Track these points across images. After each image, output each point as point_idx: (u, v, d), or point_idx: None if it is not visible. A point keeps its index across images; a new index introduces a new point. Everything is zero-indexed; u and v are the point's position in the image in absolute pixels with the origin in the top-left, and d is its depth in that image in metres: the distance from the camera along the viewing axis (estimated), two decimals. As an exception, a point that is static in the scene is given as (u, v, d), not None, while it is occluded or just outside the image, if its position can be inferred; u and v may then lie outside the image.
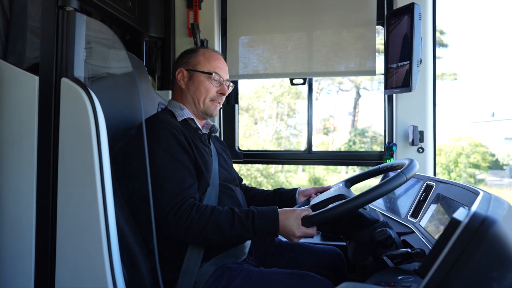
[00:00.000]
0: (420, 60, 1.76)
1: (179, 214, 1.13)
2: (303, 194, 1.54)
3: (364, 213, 1.15)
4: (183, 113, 1.39)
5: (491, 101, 9.21)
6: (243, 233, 1.15)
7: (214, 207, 1.18)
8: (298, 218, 1.15)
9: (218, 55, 1.47)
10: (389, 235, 1.06)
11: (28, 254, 1.07)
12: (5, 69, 1.10)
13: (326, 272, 1.37)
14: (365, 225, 1.14)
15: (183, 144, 1.24)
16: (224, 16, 2.23)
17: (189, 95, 1.41)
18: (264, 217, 1.16)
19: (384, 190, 1.06)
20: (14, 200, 1.08)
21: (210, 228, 1.14)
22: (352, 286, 0.69)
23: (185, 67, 1.43)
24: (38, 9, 1.13)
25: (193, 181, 1.23)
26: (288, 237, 1.17)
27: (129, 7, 1.89)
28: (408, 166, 1.12)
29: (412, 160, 1.16)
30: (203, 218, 1.14)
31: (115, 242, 1.06)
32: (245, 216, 1.16)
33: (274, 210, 1.18)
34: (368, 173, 1.44)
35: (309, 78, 2.19)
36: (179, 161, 1.21)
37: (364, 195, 1.06)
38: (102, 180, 1.02)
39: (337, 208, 1.08)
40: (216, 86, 1.42)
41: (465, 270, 0.58)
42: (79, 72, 1.09)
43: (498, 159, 8.98)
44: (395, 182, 1.07)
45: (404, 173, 1.09)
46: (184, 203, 1.15)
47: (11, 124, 1.10)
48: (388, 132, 2.06)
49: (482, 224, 0.59)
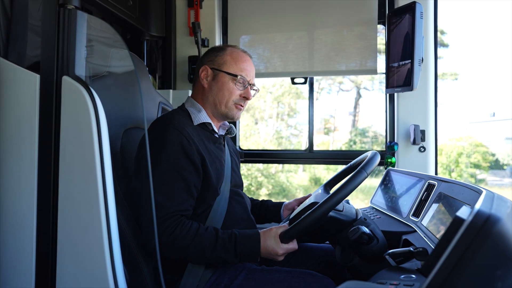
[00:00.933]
0: (422, 59, 1.75)
1: (161, 230, 1.11)
2: (287, 208, 1.53)
3: (337, 215, 1.15)
4: (200, 116, 1.32)
5: (492, 101, 9.20)
6: (224, 256, 1.14)
7: (199, 227, 1.16)
8: (276, 237, 1.15)
9: (247, 56, 1.40)
10: (362, 232, 1.06)
11: (28, 254, 1.06)
12: (6, 67, 1.10)
13: (326, 271, 1.37)
14: (343, 227, 1.15)
15: (190, 155, 1.19)
16: (225, 15, 2.23)
17: (211, 96, 1.34)
18: (246, 240, 1.16)
19: (348, 189, 1.08)
20: (15, 199, 1.08)
21: (191, 248, 1.13)
22: (355, 284, 0.69)
23: (210, 65, 1.36)
24: (39, 7, 1.13)
25: (187, 197, 1.19)
26: (272, 257, 1.17)
27: (130, 6, 1.89)
28: (368, 161, 1.14)
29: (374, 153, 1.18)
30: (186, 237, 1.13)
31: (116, 241, 1.05)
32: (228, 239, 1.15)
33: (255, 233, 1.18)
34: (341, 173, 1.45)
35: (310, 77, 2.18)
36: (179, 173, 1.17)
37: (329, 199, 1.08)
38: (103, 179, 1.02)
39: (308, 217, 1.09)
40: (240, 90, 1.34)
41: (468, 268, 0.57)
42: (80, 70, 1.08)
43: (498, 159, 8.97)
44: (357, 179, 1.09)
45: (364, 169, 1.11)
46: (168, 219, 1.13)
47: (12, 123, 1.09)
48: (390, 131, 2.06)
49: (486, 222, 0.59)
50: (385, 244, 1.12)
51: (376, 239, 1.09)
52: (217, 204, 1.26)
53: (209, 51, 1.42)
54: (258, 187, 8.49)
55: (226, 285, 1.16)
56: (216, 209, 1.26)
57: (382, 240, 1.12)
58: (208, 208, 1.26)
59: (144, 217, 1.15)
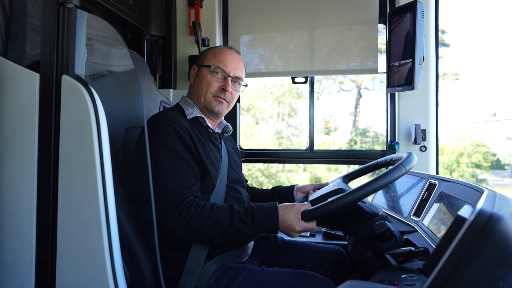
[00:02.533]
0: (423, 58, 1.75)
1: (177, 212, 1.12)
2: (301, 190, 1.54)
3: (363, 206, 1.14)
4: (193, 111, 1.36)
5: (493, 101, 9.18)
6: (242, 229, 1.13)
7: (213, 204, 1.17)
8: (297, 213, 1.15)
9: (228, 50, 1.42)
10: (388, 227, 1.06)
11: (28, 252, 1.06)
12: (6, 66, 1.10)
13: (329, 272, 1.36)
14: (364, 218, 1.14)
15: (186, 142, 1.22)
16: (226, 15, 2.23)
17: (194, 90, 1.40)
18: (263, 212, 1.15)
19: (383, 182, 1.06)
20: (14, 198, 1.08)
21: (209, 225, 1.13)
22: (356, 284, 0.69)
23: (197, 64, 1.43)
24: (38, 6, 1.13)
25: (195, 180, 1.21)
26: (288, 232, 1.16)
27: (130, 6, 1.89)
28: (406, 159, 1.12)
29: (411, 153, 1.17)
30: (202, 215, 1.13)
31: (116, 240, 1.05)
32: (244, 212, 1.15)
33: (273, 206, 1.18)
34: (365, 168, 1.44)
35: (310, 76, 2.18)
36: (182, 159, 1.20)
37: (363, 187, 1.06)
38: (103, 177, 1.02)
39: (336, 201, 1.08)
40: (218, 81, 1.37)
41: (471, 268, 0.57)
42: (80, 69, 1.08)
43: (499, 159, 8.96)
44: (394, 174, 1.07)
45: (403, 165, 1.09)
46: (183, 201, 1.14)
47: (11, 122, 1.09)
48: (390, 130, 2.06)
49: (489, 221, 0.58)
50: (401, 245, 1.11)
51: (395, 238, 1.08)
52: (213, 197, 1.26)
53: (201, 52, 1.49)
54: (258, 187, 8.49)
55: (226, 286, 1.15)
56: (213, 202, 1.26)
57: (400, 241, 1.10)
58: None
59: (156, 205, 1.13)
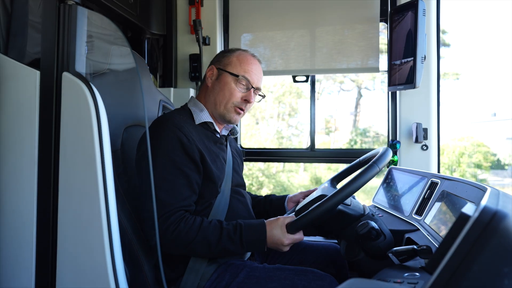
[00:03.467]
0: (424, 56, 1.74)
1: (165, 225, 1.11)
2: (292, 200, 1.52)
3: (346, 209, 1.14)
4: (202, 115, 1.31)
5: (493, 101, 9.18)
6: (230, 247, 1.13)
7: (203, 220, 1.15)
8: (283, 226, 1.14)
9: (255, 60, 1.36)
10: (371, 227, 1.05)
11: (28, 252, 1.05)
12: (6, 63, 1.09)
13: (327, 269, 1.36)
14: (350, 221, 1.14)
15: (190, 152, 1.18)
16: (226, 13, 2.22)
17: (212, 95, 1.33)
18: (251, 230, 1.15)
19: (358, 184, 1.07)
20: (14, 196, 1.07)
21: (197, 242, 1.12)
22: (359, 282, 0.68)
23: (217, 65, 1.35)
24: (39, 3, 1.12)
25: (190, 193, 1.18)
26: (277, 247, 1.16)
27: (130, 4, 1.88)
28: (380, 156, 1.13)
29: (387, 149, 1.17)
30: (190, 231, 1.12)
31: (117, 239, 1.04)
32: (233, 230, 1.14)
33: (261, 223, 1.17)
34: (350, 168, 1.44)
35: (311, 75, 2.17)
36: (180, 170, 1.16)
37: (338, 192, 1.07)
38: (104, 175, 1.01)
39: (317, 209, 1.08)
40: (241, 91, 1.31)
41: (475, 265, 0.56)
42: (80, 66, 1.07)
43: (499, 159, 8.96)
44: (368, 174, 1.08)
45: (377, 163, 1.10)
46: (172, 215, 1.12)
47: (12, 119, 1.08)
48: (392, 129, 2.05)
49: (493, 218, 0.58)
50: (391, 241, 1.11)
51: (384, 236, 1.08)
52: (218, 201, 1.25)
53: (220, 52, 1.42)
54: (259, 186, 8.48)
55: (228, 283, 1.15)
56: (217, 206, 1.25)
57: (389, 237, 1.11)
58: (209, 206, 1.25)
59: (147, 215, 1.14)
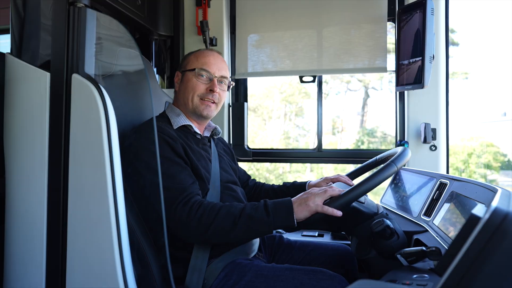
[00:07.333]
0: (433, 55, 1.73)
1: (188, 206, 1.12)
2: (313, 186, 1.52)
3: (361, 207, 1.15)
4: (179, 120, 1.35)
5: (503, 100, 9.06)
6: (255, 214, 1.10)
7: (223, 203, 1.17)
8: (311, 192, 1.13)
9: (211, 51, 1.41)
10: (387, 225, 1.05)
11: (39, 251, 1.07)
12: (19, 66, 1.11)
13: (336, 270, 1.35)
14: (364, 219, 1.14)
15: (176, 149, 1.22)
16: (233, 14, 2.23)
17: (181, 96, 1.39)
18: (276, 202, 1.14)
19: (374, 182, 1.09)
20: (25, 196, 1.09)
21: (221, 216, 1.11)
22: (367, 283, 0.68)
23: (180, 70, 1.42)
24: (51, 6, 1.14)
25: (193, 180, 1.21)
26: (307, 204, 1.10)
27: (138, 6, 1.89)
28: (399, 156, 1.14)
29: (405, 149, 1.17)
30: (215, 207, 1.13)
31: (126, 239, 1.05)
32: (256, 203, 1.15)
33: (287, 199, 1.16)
34: (365, 166, 1.43)
35: (318, 75, 2.17)
36: (177, 164, 1.20)
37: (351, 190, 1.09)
38: (113, 176, 1.02)
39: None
40: (204, 83, 1.35)
41: (485, 268, 0.56)
42: (89, 68, 1.09)
43: (510, 160, 8.83)
44: (385, 173, 1.10)
45: (395, 163, 1.11)
46: (192, 198, 1.14)
47: (23, 120, 1.10)
48: (400, 129, 2.03)
49: (505, 220, 0.57)
50: (404, 241, 1.11)
51: (397, 235, 1.08)
52: (209, 197, 1.27)
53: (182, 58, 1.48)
54: (266, 184, 8.50)
55: (235, 282, 1.15)
56: None
57: (403, 237, 1.10)
58: None
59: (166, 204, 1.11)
